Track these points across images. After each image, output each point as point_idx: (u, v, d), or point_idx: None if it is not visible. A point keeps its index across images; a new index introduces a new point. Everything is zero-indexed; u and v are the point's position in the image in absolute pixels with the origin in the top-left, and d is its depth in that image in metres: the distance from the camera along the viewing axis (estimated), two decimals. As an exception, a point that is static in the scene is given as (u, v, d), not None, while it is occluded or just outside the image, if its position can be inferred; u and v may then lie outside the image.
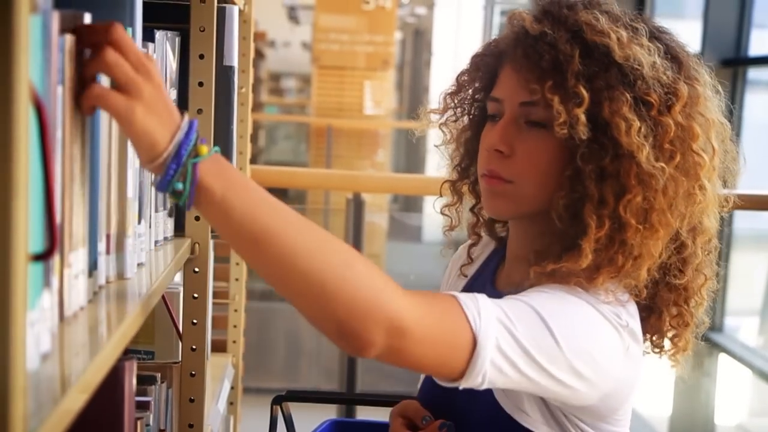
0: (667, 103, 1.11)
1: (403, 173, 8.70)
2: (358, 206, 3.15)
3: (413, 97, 11.00)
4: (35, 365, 0.71)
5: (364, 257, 0.96)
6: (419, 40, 11.62)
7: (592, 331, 1.09)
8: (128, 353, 1.00)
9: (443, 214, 1.36)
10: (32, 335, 0.69)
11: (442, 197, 1.36)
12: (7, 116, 0.56)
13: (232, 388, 2.12)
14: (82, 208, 0.87)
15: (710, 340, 4.26)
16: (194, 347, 1.42)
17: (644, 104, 1.10)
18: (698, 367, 3.82)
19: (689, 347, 1.25)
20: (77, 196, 0.85)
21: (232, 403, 2.16)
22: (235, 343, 2.20)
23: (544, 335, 1.04)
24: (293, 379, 4.61)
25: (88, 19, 0.88)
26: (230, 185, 0.92)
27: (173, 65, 1.34)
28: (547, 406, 1.13)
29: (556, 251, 1.13)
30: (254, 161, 4.03)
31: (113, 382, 0.96)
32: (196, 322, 1.42)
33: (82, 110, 0.86)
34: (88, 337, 0.83)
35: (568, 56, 1.11)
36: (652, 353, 1.26)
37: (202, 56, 1.38)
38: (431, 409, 1.24)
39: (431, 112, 1.32)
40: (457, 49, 8.85)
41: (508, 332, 1.02)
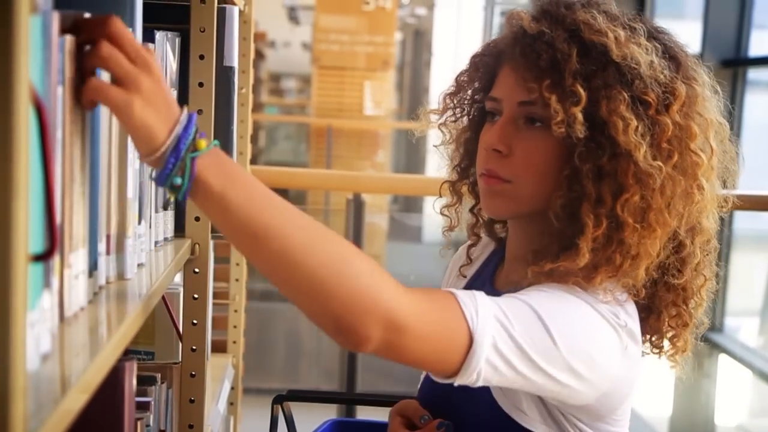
0: (664, 102, 1.11)
1: (403, 174, 8.70)
2: (358, 207, 3.15)
3: (413, 97, 11.00)
4: (35, 366, 0.71)
5: (363, 253, 0.96)
6: (419, 40, 11.62)
7: (589, 330, 1.09)
8: (128, 354, 1.00)
9: (443, 214, 1.36)
10: (32, 336, 0.69)
11: (441, 198, 1.36)
12: (7, 116, 0.56)
13: (232, 388, 2.12)
14: (82, 208, 0.87)
15: (710, 340, 4.25)
16: (194, 348, 1.42)
17: (642, 103, 1.10)
18: (698, 367, 3.81)
19: (688, 348, 1.25)
20: (77, 196, 0.85)
21: (232, 403, 2.16)
22: (235, 343, 2.20)
23: (541, 334, 1.04)
24: (293, 379, 4.61)
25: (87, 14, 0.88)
26: (229, 180, 0.92)
27: (173, 66, 1.34)
28: (545, 405, 1.13)
29: (554, 251, 1.13)
30: (254, 162, 4.04)
31: (113, 382, 0.96)
32: (196, 322, 1.42)
33: (82, 105, 0.86)
34: (88, 337, 0.83)
35: (565, 55, 1.11)
36: (651, 354, 1.26)
37: (202, 57, 1.38)
38: (430, 408, 1.25)
39: (431, 112, 1.32)
40: (457, 49, 8.85)
41: (505, 330, 1.02)
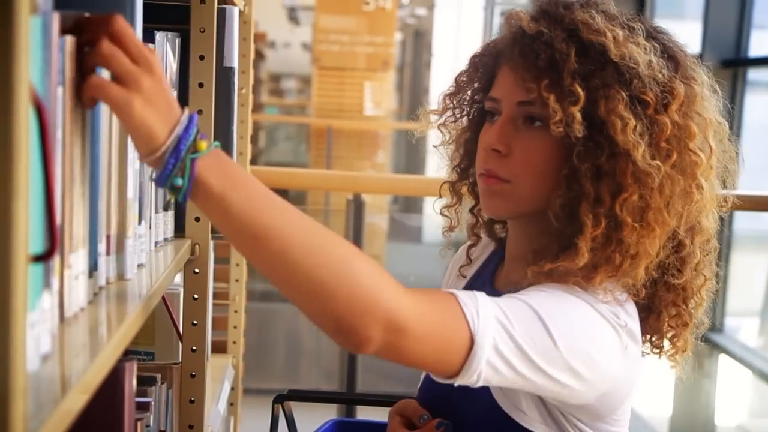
0: (663, 101, 1.12)
1: (403, 174, 8.70)
2: (358, 207, 3.15)
3: (413, 98, 11.00)
4: (35, 366, 0.71)
5: (363, 254, 0.96)
6: (419, 41, 11.62)
7: (589, 330, 1.09)
8: (128, 354, 1.00)
9: (443, 215, 1.36)
10: (32, 336, 0.69)
11: (441, 198, 1.36)
12: (7, 117, 0.56)
13: (232, 388, 2.12)
14: (82, 208, 0.87)
15: (710, 340, 4.25)
16: (194, 348, 1.42)
17: (640, 103, 1.10)
18: (698, 367, 3.81)
19: (688, 348, 1.25)
20: (77, 196, 0.85)
21: (232, 403, 2.16)
22: (235, 344, 2.20)
23: (541, 334, 1.04)
24: (293, 379, 4.61)
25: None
26: (229, 181, 0.92)
27: (173, 66, 1.34)
28: (545, 405, 1.14)
29: (553, 251, 1.13)
30: (254, 162, 4.04)
31: (113, 383, 0.96)
32: (196, 323, 1.42)
33: (82, 103, 0.86)
34: (88, 338, 0.83)
35: (564, 55, 1.11)
36: (651, 354, 1.26)
37: (202, 57, 1.38)
38: (430, 408, 1.25)
39: (430, 113, 1.32)
40: (457, 50, 8.85)
41: (505, 331, 1.02)
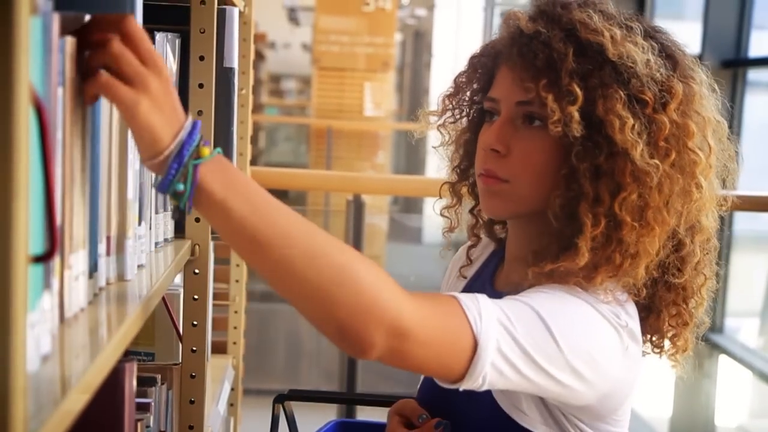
0: (661, 100, 1.12)
1: (403, 175, 8.70)
2: (358, 208, 3.15)
3: (413, 98, 11.01)
4: (35, 367, 0.71)
5: (366, 258, 0.96)
6: (419, 41, 11.62)
7: (591, 330, 1.09)
8: (128, 355, 1.00)
9: (443, 215, 1.36)
10: (32, 337, 0.69)
11: (441, 199, 1.36)
12: (7, 118, 0.56)
13: (232, 389, 2.12)
14: (82, 209, 0.87)
15: (710, 341, 4.26)
16: (194, 349, 1.42)
17: (638, 102, 1.10)
18: (698, 368, 3.81)
19: (689, 347, 1.25)
20: (77, 197, 0.85)
21: (232, 404, 2.16)
22: (235, 344, 2.20)
23: (543, 335, 1.04)
24: (293, 380, 4.61)
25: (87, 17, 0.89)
26: (231, 187, 0.92)
27: (173, 67, 1.34)
28: (545, 405, 1.14)
29: (554, 251, 1.13)
30: (254, 163, 4.04)
31: (113, 383, 0.96)
32: (196, 323, 1.42)
33: (84, 99, 0.86)
34: (88, 338, 0.83)
35: (562, 54, 1.11)
36: (652, 353, 1.26)
37: (202, 58, 1.38)
38: (430, 408, 1.25)
39: (430, 114, 1.32)
40: (457, 50, 8.85)
41: (508, 333, 1.02)
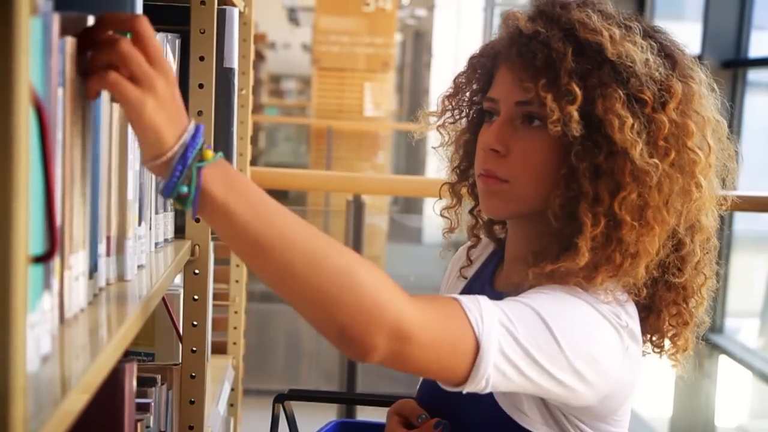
0: (660, 100, 1.12)
1: (403, 175, 8.70)
2: (358, 208, 3.15)
3: (413, 99, 11.01)
4: (35, 367, 0.71)
5: (367, 262, 0.96)
6: (419, 42, 11.63)
7: (592, 331, 1.09)
8: (128, 355, 1.00)
9: (442, 216, 1.36)
10: (32, 337, 0.69)
11: (441, 199, 1.36)
12: (7, 118, 0.56)
13: (232, 389, 2.12)
14: (82, 210, 0.87)
15: (710, 341, 4.26)
16: (194, 349, 1.42)
17: (638, 101, 1.11)
18: (698, 368, 3.81)
19: (689, 347, 1.25)
20: (77, 197, 0.85)
21: (232, 404, 2.16)
22: (235, 344, 2.20)
23: (545, 336, 1.04)
24: (293, 380, 4.60)
25: (91, 21, 0.89)
26: (232, 190, 0.91)
27: (173, 67, 1.34)
28: (546, 406, 1.14)
29: (554, 251, 1.13)
30: (254, 163, 4.04)
31: (113, 383, 0.96)
32: (196, 323, 1.42)
33: (86, 94, 0.86)
34: (88, 338, 0.83)
35: (561, 54, 1.11)
36: (652, 353, 1.26)
37: (202, 58, 1.38)
38: (430, 409, 1.24)
39: (429, 114, 1.32)
40: (457, 51, 8.86)
41: (510, 334, 1.02)
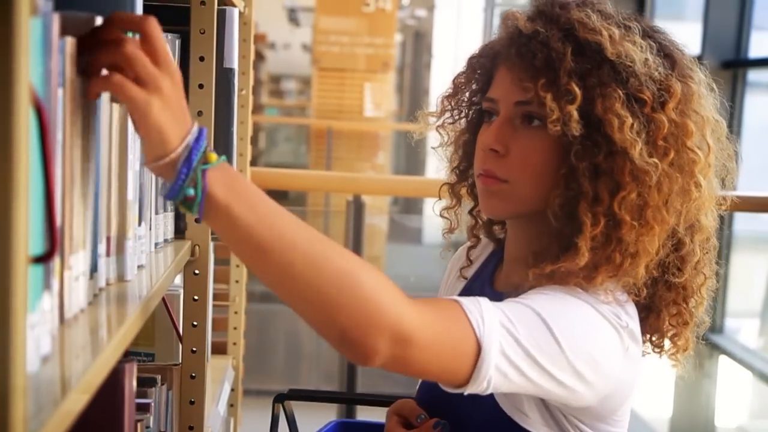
0: (660, 99, 1.12)
1: (403, 175, 8.70)
2: (358, 208, 3.15)
3: (413, 99, 11.02)
4: (35, 367, 0.71)
5: (369, 265, 0.95)
6: (419, 42, 11.63)
7: (592, 331, 1.09)
8: (128, 355, 1.00)
9: (442, 216, 1.36)
10: (32, 337, 0.69)
11: (441, 200, 1.36)
12: (7, 118, 0.56)
13: (232, 390, 2.12)
14: (82, 210, 0.87)
15: (711, 341, 4.26)
16: (194, 349, 1.42)
17: (637, 101, 1.11)
18: (699, 368, 3.81)
19: (689, 346, 1.25)
20: (77, 198, 0.85)
21: (232, 405, 2.16)
22: (235, 345, 2.20)
23: (546, 337, 1.04)
24: (293, 381, 4.60)
25: (99, 21, 0.89)
26: (235, 193, 0.91)
27: (174, 68, 1.34)
28: (546, 407, 1.14)
29: (554, 252, 1.13)
30: (254, 163, 4.04)
31: (113, 384, 0.96)
32: (196, 324, 1.42)
33: (88, 94, 0.86)
34: (88, 339, 0.83)
35: (560, 54, 1.11)
36: (652, 353, 1.26)
37: (202, 58, 1.38)
38: (429, 409, 1.24)
39: (429, 115, 1.32)
40: (457, 51, 8.86)
41: (511, 336, 1.02)
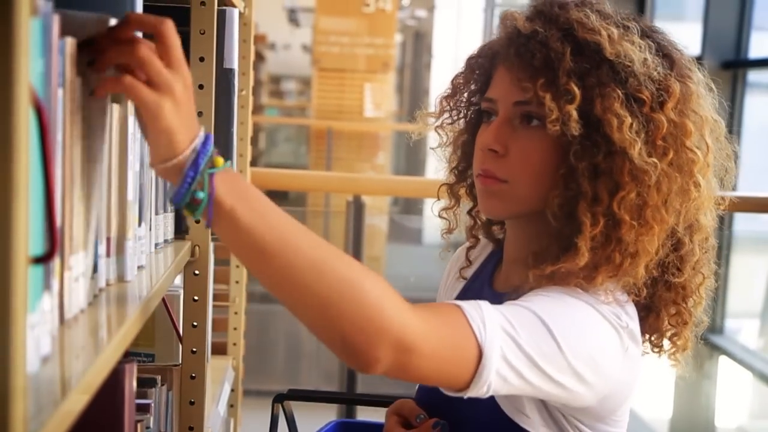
0: (659, 99, 1.12)
1: (403, 176, 8.70)
2: (358, 209, 3.15)
3: (413, 99, 11.02)
4: (35, 368, 0.71)
5: (372, 273, 0.95)
6: (419, 42, 11.64)
7: (592, 332, 1.09)
8: (128, 356, 1.00)
9: (441, 217, 1.36)
10: (32, 338, 0.69)
11: (440, 200, 1.36)
12: (7, 118, 0.56)
13: (232, 390, 2.12)
14: (82, 210, 0.87)
15: (711, 342, 4.26)
16: (194, 350, 1.42)
17: (636, 101, 1.11)
18: (699, 369, 3.81)
19: (688, 346, 1.25)
20: (77, 198, 0.85)
21: (232, 405, 2.16)
22: (235, 345, 2.20)
23: (546, 340, 1.04)
24: (293, 381, 4.60)
25: (113, 22, 0.89)
26: (239, 197, 0.91)
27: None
28: (546, 407, 1.14)
29: (554, 252, 1.13)
30: (254, 164, 4.04)
31: (113, 384, 0.96)
32: (196, 324, 1.42)
33: (94, 93, 0.87)
34: (88, 339, 0.83)
35: (559, 54, 1.11)
36: (651, 353, 1.26)
37: (202, 59, 1.38)
38: (429, 409, 1.24)
39: (427, 115, 1.32)
40: (457, 51, 8.87)
41: (512, 340, 1.02)
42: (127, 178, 1.02)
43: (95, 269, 0.94)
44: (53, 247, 0.72)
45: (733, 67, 4.61)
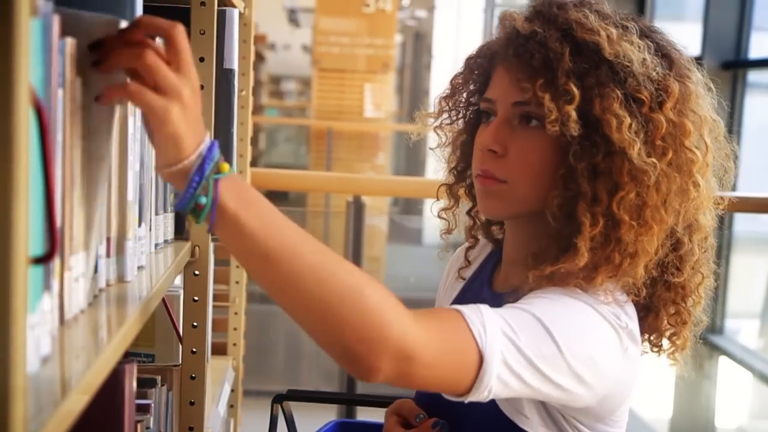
0: (658, 99, 1.12)
1: (403, 176, 8.70)
2: (358, 209, 3.15)
3: (413, 100, 11.02)
4: (35, 368, 0.71)
5: (374, 281, 0.95)
6: (419, 43, 11.64)
7: (591, 333, 1.09)
8: (128, 356, 1.00)
9: (440, 217, 1.36)
10: (32, 338, 0.69)
11: (439, 201, 1.36)
12: (7, 118, 0.56)
13: (232, 390, 2.12)
14: (82, 210, 0.87)
15: (711, 342, 4.26)
16: (194, 350, 1.42)
17: (635, 101, 1.11)
18: (698, 369, 3.81)
19: (688, 345, 1.25)
20: (77, 198, 0.85)
21: (232, 405, 2.17)
22: (235, 345, 2.20)
23: (546, 342, 1.04)
24: (293, 381, 4.60)
25: (124, 24, 0.89)
26: (244, 203, 0.91)
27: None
28: (545, 408, 1.14)
29: (553, 253, 1.13)
30: (254, 164, 4.04)
31: (113, 384, 0.96)
32: (196, 324, 1.42)
33: (101, 99, 0.87)
34: (88, 339, 0.83)
35: (558, 54, 1.11)
36: (650, 352, 1.26)
37: (202, 59, 1.38)
38: (428, 409, 1.24)
39: (427, 116, 1.33)
40: (457, 52, 8.86)
41: (512, 344, 1.02)
42: (127, 178, 1.02)
43: (95, 269, 0.94)
44: (53, 247, 0.72)
45: (733, 67, 4.61)
